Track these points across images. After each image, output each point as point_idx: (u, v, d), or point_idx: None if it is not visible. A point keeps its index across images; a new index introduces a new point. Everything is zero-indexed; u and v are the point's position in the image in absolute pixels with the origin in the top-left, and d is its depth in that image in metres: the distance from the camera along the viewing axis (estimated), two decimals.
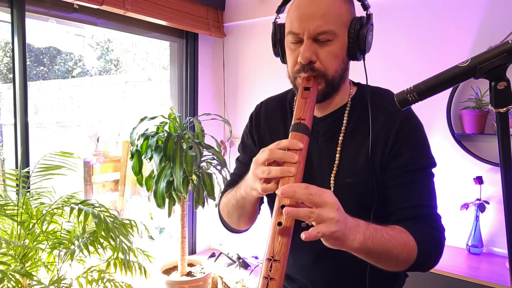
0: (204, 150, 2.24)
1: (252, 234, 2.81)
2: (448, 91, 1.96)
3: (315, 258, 0.93)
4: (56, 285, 1.44)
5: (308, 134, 0.74)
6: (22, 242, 1.52)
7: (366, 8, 0.86)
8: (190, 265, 2.64)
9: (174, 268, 2.58)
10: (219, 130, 3.00)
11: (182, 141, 2.14)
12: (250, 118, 1.06)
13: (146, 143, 2.20)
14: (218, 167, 2.33)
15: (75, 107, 4.19)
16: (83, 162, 3.43)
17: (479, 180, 1.91)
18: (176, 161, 2.03)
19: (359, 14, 0.87)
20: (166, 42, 2.89)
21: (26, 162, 1.91)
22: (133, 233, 1.68)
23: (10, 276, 1.33)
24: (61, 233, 1.64)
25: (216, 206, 2.12)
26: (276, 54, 0.94)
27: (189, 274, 2.50)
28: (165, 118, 2.29)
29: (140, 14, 2.27)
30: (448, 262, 1.81)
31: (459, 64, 0.58)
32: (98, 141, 3.88)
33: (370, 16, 0.85)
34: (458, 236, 2.02)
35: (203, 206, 2.24)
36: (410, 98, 0.61)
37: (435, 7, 2.08)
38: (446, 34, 2.05)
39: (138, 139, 2.18)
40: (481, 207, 1.89)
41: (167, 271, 2.55)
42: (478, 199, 1.93)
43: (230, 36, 2.95)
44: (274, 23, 0.92)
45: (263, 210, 1.03)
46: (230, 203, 0.90)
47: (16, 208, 1.56)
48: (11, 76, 1.90)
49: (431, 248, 0.79)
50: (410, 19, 2.16)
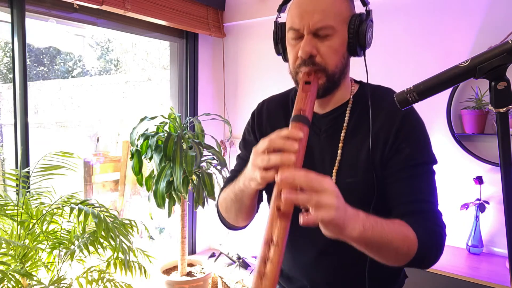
0: (204, 150, 2.24)
1: (252, 234, 2.82)
2: (448, 91, 1.96)
3: (316, 256, 0.93)
4: (56, 285, 1.44)
5: (308, 125, 0.74)
6: (22, 242, 1.52)
7: (365, 4, 0.88)
8: (190, 265, 2.64)
9: (174, 268, 2.58)
10: (219, 130, 3.00)
11: (182, 141, 2.14)
12: (252, 115, 1.06)
13: (146, 143, 2.20)
14: (218, 167, 2.33)
15: (75, 107, 4.19)
16: (83, 162, 3.43)
17: (479, 180, 1.91)
18: (176, 161, 2.03)
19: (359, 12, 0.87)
20: (166, 42, 2.89)
21: (26, 162, 1.91)
22: (133, 233, 1.68)
23: (10, 276, 1.33)
24: (61, 233, 1.64)
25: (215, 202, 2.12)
26: (277, 52, 0.95)
27: (189, 274, 2.50)
28: (165, 118, 2.29)
29: (140, 14, 2.27)
30: (448, 262, 1.81)
31: (459, 64, 0.58)
32: (98, 141, 3.88)
33: (369, 12, 0.87)
34: (458, 236, 2.02)
35: (203, 206, 2.24)
36: (410, 98, 0.61)
37: (435, 7, 2.08)
38: (446, 34, 2.05)
39: (138, 139, 2.18)
40: (481, 207, 1.89)
41: (167, 271, 2.55)
42: (478, 199, 1.93)
43: (230, 36, 2.95)
44: (275, 22, 0.94)
45: (263, 209, 1.03)
46: (228, 197, 0.89)
47: (16, 208, 1.56)
48: (11, 76, 1.90)
49: (432, 243, 0.79)
50: (410, 19, 2.16)
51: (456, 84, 0.60)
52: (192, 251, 3.00)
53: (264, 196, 1.02)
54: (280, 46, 0.93)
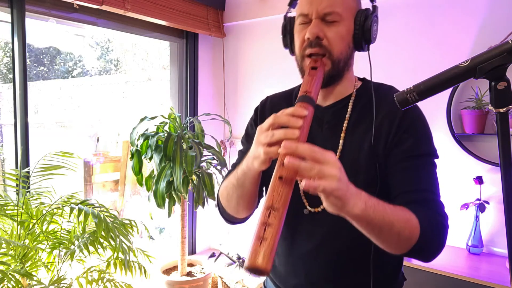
0: (204, 150, 2.24)
1: (252, 235, 2.82)
2: (448, 91, 1.96)
3: (312, 250, 0.92)
4: (56, 285, 1.44)
5: (313, 105, 0.75)
6: (22, 242, 1.52)
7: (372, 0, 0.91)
8: (190, 265, 2.64)
9: (174, 268, 2.58)
10: (219, 130, 3.00)
11: (182, 141, 2.14)
12: (256, 110, 1.08)
13: (146, 143, 2.20)
14: (218, 167, 2.33)
15: (75, 107, 4.20)
16: (83, 162, 3.43)
17: (479, 180, 1.91)
18: (176, 161, 2.03)
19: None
20: (166, 42, 2.89)
21: (26, 162, 1.91)
22: (133, 233, 1.68)
23: (10, 276, 1.33)
24: (61, 233, 1.64)
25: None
26: (285, 45, 0.97)
27: (189, 274, 2.50)
28: (165, 118, 2.29)
29: (140, 14, 2.27)
30: (448, 262, 1.81)
31: (459, 64, 0.58)
32: (98, 141, 3.88)
33: (375, 8, 0.90)
34: (458, 236, 2.02)
35: (203, 206, 2.24)
36: (410, 98, 0.61)
37: (435, 7, 2.08)
38: (446, 34, 2.05)
39: (138, 139, 2.18)
40: (481, 207, 1.89)
41: (167, 271, 2.55)
42: (478, 199, 1.93)
43: (230, 36, 2.95)
44: (285, 16, 0.96)
45: (262, 206, 1.02)
46: (230, 184, 0.89)
47: (16, 208, 1.56)
48: (11, 76, 1.90)
49: (434, 231, 0.78)
50: (410, 19, 2.16)
51: (456, 84, 0.60)
52: (192, 251, 3.00)
53: (263, 196, 1.02)
54: (288, 38, 0.95)
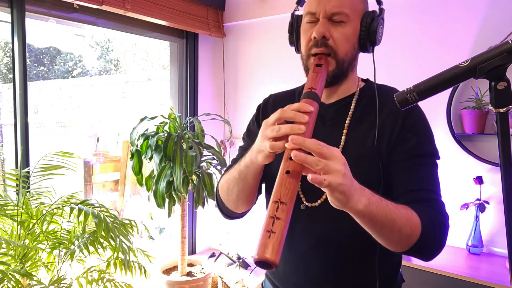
0: (204, 150, 2.24)
1: (252, 234, 2.82)
2: (448, 91, 1.96)
3: (312, 247, 0.92)
4: (56, 285, 1.44)
5: (318, 102, 0.76)
6: (22, 242, 1.52)
7: (379, 2, 0.92)
8: (190, 265, 2.64)
9: (174, 268, 2.58)
10: (219, 130, 3.00)
11: (182, 141, 2.14)
12: (258, 107, 1.09)
13: (146, 143, 2.20)
14: (218, 167, 2.33)
15: (75, 107, 4.20)
16: (83, 162, 3.43)
17: (479, 180, 1.91)
18: (176, 161, 2.03)
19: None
20: (166, 42, 2.89)
21: (26, 162, 1.91)
22: (133, 233, 1.68)
23: (10, 276, 1.33)
24: (61, 233, 1.64)
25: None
26: (291, 42, 0.98)
27: (189, 274, 2.50)
28: (165, 118, 2.29)
29: (140, 14, 2.27)
30: (448, 262, 1.81)
31: (459, 64, 0.58)
32: (98, 141, 3.88)
33: (382, 10, 0.91)
34: (458, 236, 2.02)
35: (203, 206, 2.24)
36: (410, 98, 0.61)
37: (435, 7, 2.08)
38: (446, 34, 2.05)
39: (138, 139, 2.18)
40: (481, 207, 1.89)
41: (167, 271, 2.55)
42: (478, 199, 1.93)
43: (230, 36, 2.95)
44: (292, 14, 0.97)
45: (262, 207, 1.02)
46: (231, 177, 0.90)
47: (16, 208, 1.56)
48: (11, 76, 1.90)
49: (435, 230, 0.79)
50: (410, 19, 2.16)
51: (456, 84, 0.60)
52: (192, 251, 3.00)
53: (263, 195, 1.03)
54: (294, 36, 0.96)
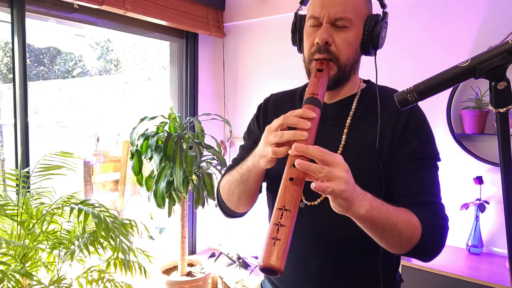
0: (204, 150, 2.24)
1: (252, 234, 2.82)
2: (448, 91, 1.96)
3: (313, 243, 0.93)
4: (56, 285, 1.44)
5: (320, 107, 0.77)
6: (22, 242, 1.52)
7: (383, 6, 0.93)
8: (190, 265, 2.64)
9: (174, 268, 2.58)
10: (219, 130, 3.00)
11: (182, 141, 2.14)
12: (259, 107, 1.09)
13: (146, 143, 2.20)
14: (218, 167, 2.33)
15: (75, 107, 4.19)
16: (83, 162, 3.43)
17: (479, 180, 1.91)
18: (176, 161, 2.03)
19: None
20: (166, 42, 2.89)
21: (26, 162, 1.91)
22: (133, 233, 1.68)
23: (10, 276, 1.33)
24: (61, 233, 1.64)
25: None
26: (294, 42, 0.99)
27: (189, 274, 2.50)
28: (165, 118, 2.29)
29: (140, 14, 2.27)
30: (448, 262, 1.81)
31: (459, 64, 0.58)
32: (98, 141, 3.87)
33: (386, 14, 0.92)
34: (458, 236, 2.02)
35: (203, 206, 2.24)
36: (410, 98, 0.61)
37: (435, 7, 2.08)
38: (446, 34, 2.05)
39: (138, 139, 2.18)
40: (481, 207, 1.89)
41: (167, 271, 2.55)
42: (478, 199, 1.93)
43: (230, 36, 2.95)
44: (295, 14, 0.97)
45: (262, 207, 1.03)
46: (233, 179, 0.90)
47: (16, 208, 1.56)
48: (11, 76, 1.90)
49: (435, 232, 0.79)
50: (410, 19, 2.16)
51: (456, 84, 0.60)
52: (192, 251, 3.00)
53: (263, 193, 1.03)
54: (297, 36, 0.97)
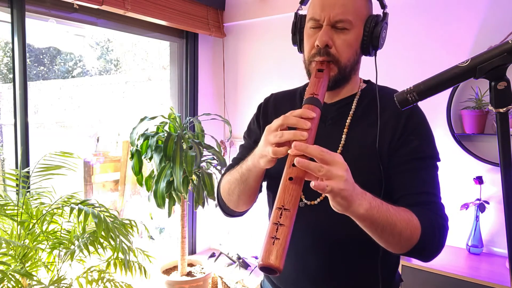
0: (204, 150, 2.24)
1: (252, 234, 2.82)
2: (448, 91, 1.96)
3: (312, 242, 0.92)
4: (56, 285, 1.44)
5: (320, 107, 0.77)
6: (22, 242, 1.52)
7: (383, 6, 0.93)
8: (190, 265, 2.64)
9: (174, 268, 2.58)
10: (219, 130, 3.00)
11: (182, 141, 2.14)
12: (259, 106, 1.09)
13: (146, 143, 2.20)
14: (218, 167, 2.33)
15: (75, 107, 4.19)
16: (83, 162, 3.43)
17: (479, 180, 1.91)
18: (176, 161, 2.03)
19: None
20: (166, 42, 2.89)
21: (26, 162, 1.91)
22: (133, 233, 1.68)
23: (10, 276, 1.33)
24: (61, 233, 1.64)
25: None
26: (294, 42, 0.99)
27: (189, 274, 2.50)
28: (165, 118, 2.29)
29: (140, 14, 2.27)
30: (448, 262, 1.81)
31: (459, 64, 0.58)
32: (98, 141, 3.87)
33: (386, 15, 0.92)
34: (458, 236, 2.02)
35: (203, 206, 2.24)
36: (410, 98, 0.61)
37: (435, 7, 2.08)
38: (446, 34, 2.05)
39: (138, 139, 2.18)
40: (481, 207, 1.89)
41: (167, 271, 2.55)
42: (478, 199, 1.93)
43: (230, 36, 2.95)
44: (296, 14, 0.98)
45: (262, 206, 1.03)
46: (233, 178, 0.91)
47: (16, 208, 1.56)
48: (11, 76, 1.90)
49: (434, 232, 0.80)
50: (410, 19, 2.16)
51: (456, 84, 0.60)
52: (192, 251, 3.00)
53: (263, 192, 1.03)
54: (297, 36, 0.97)
